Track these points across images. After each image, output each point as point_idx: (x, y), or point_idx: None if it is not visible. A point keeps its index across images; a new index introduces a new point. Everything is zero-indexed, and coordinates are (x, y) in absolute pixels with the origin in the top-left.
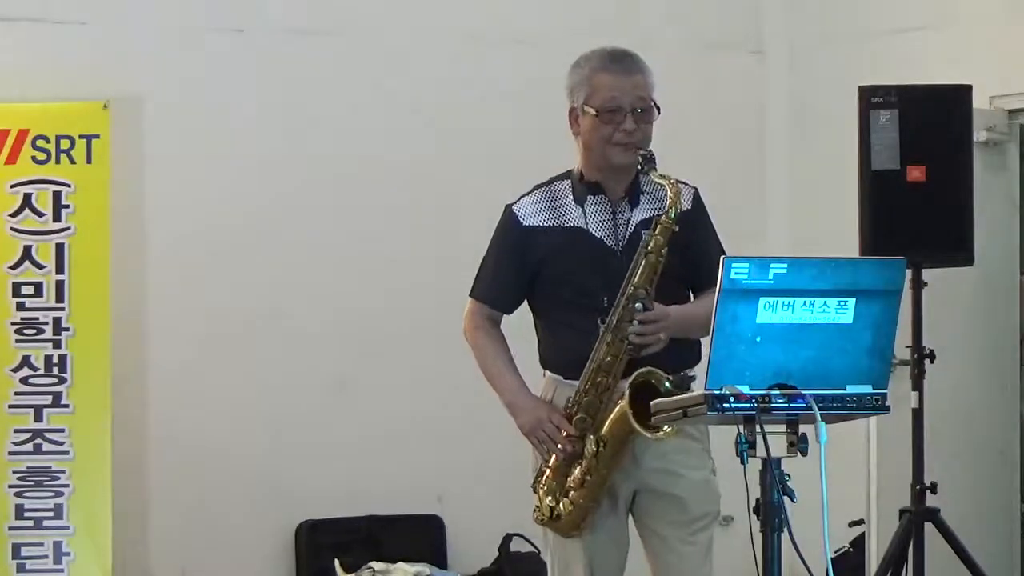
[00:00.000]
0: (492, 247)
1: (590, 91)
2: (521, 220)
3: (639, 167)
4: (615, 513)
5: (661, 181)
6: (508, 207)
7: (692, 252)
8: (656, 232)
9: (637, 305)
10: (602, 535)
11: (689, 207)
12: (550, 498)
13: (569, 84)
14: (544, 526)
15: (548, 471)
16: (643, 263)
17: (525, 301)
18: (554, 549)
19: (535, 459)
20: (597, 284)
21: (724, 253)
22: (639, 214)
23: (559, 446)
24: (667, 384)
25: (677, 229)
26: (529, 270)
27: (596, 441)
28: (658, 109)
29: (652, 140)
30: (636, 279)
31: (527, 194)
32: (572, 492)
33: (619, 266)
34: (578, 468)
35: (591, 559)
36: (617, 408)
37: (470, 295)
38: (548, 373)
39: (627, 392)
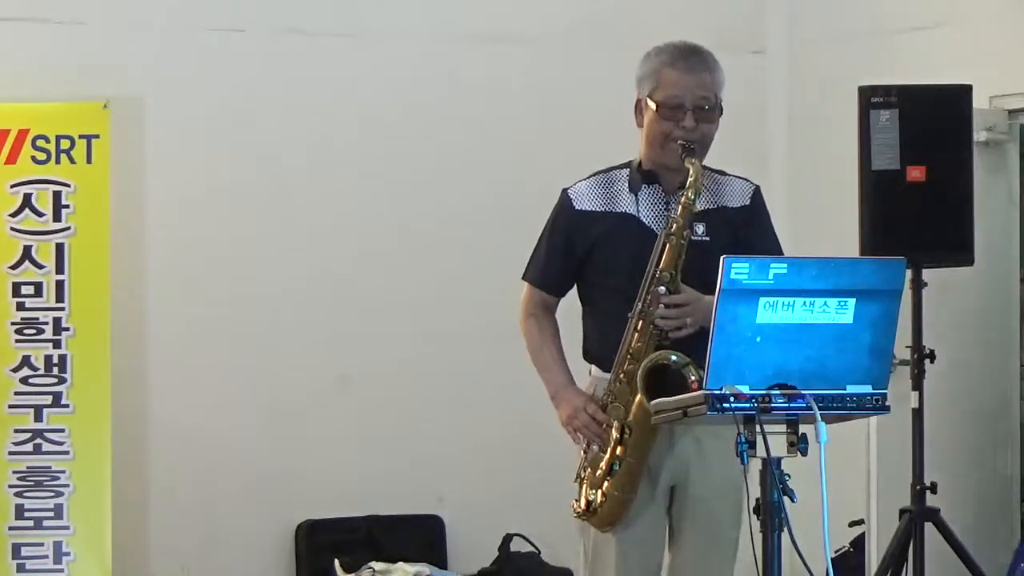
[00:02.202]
0: (545, 229)
1: (655, 85)
2: (574, 203)
3: (680, 155)
4: (652, 508)
5: (689, 165)
6: (564, 190)
7: (744, 247)
8: (677, 214)
9: (661, 289)
10: (637, 530)
11: (747, 203)
12: (589, 491)
13: (637, 75)
14: (581, 520)
15: (588, 463)
16: (666, 246)
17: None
18: (587, 541)
19: (579, 453)
20: (644, 272)
21: (781, 252)
22: (687, 187)
23: (595, 436)
24: (673, 358)
25: (696, 209)
26: (579, 254)
27: (621, 427)
28: (721, 110)
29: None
30: (661, 262)
31: (584, 179)
32: (605, 483)
33: None
34: (606, 462)
35: (622, 554)
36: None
37: (523, 278)
38: (593, 369)
39: (640, 376)
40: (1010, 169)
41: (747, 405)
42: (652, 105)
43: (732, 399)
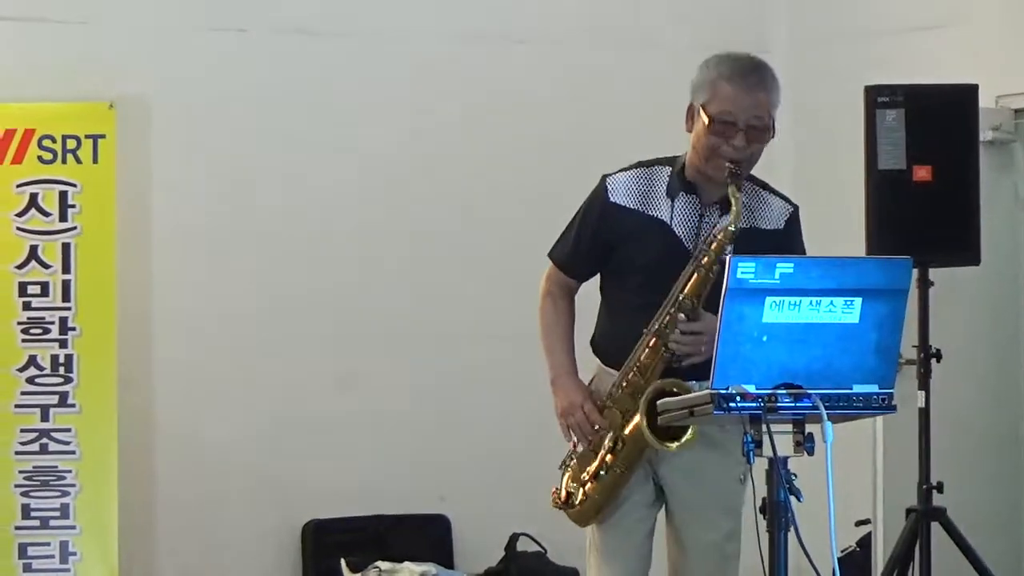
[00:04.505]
0: (578, 212)
1: (710, 96)
2: (609, 195)
3: (725, 179)
4: (641, 503)
5: (732, 198)
6: (604, 177)
7: None
8: (711, 247)
9: (680, 315)
10: (626, 521)
11: (780, 227)
12: (570, 482)
13: (694, 81)
14: (559, 509)
15: (575, 456)
16: (694, 275)
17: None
18: (590, 530)
19: (569, 442)
20: (664, 281)
21: None
22: (726, 219)
23: (585, 436)
24: (675, 389)
25: (731, 249)
26: (604, 244)
27: (614, 439)
28: (774, 130)
29: (759, 158)
30: (686, 289)
31: (625, 169)
32: (587, 484)
33: None
34: (595, 462)
35: (615, 545)
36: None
37: (548, 255)
38: (598, 362)
39: (643, 404)
40: (1016, 168)
41: (753, 405)
42: (704, 117)
43: (738, 398)
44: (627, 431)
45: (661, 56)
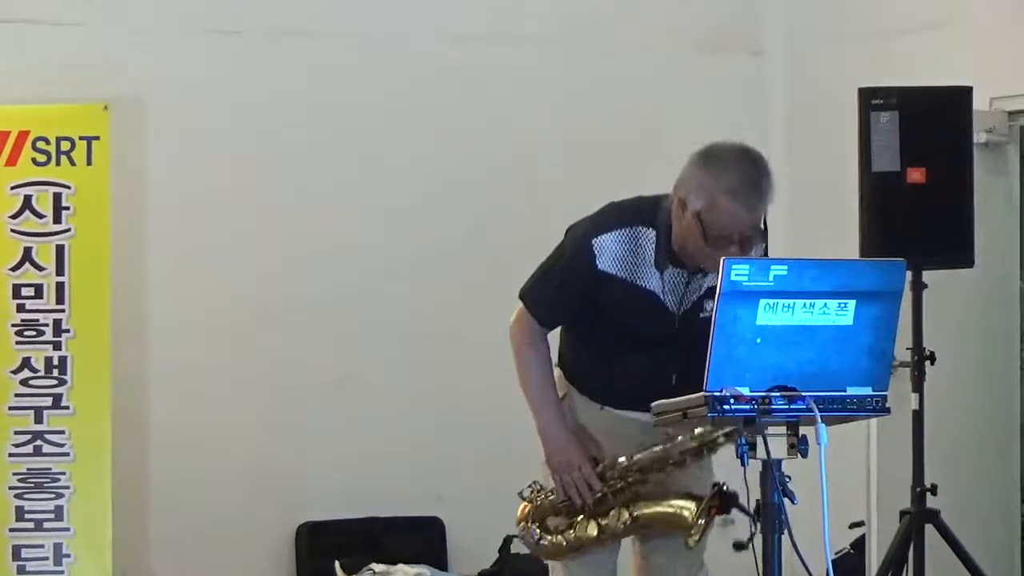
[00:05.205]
0: (558, 270)
1: (706, 204)
2: (597, 262)
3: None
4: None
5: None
6: (588, 239)
7: None
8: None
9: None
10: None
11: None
12: (535, 518)
13: (687, 177)
14: (523, 541)
15: (549, 499)
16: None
17: None
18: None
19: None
20: (647, 334)
21: None
22: (709, 280)
23: (577, 496)
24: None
25: (709, 284)
26: (591, 305)
27: (630, 516)
28: (767, 230)
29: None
30: None
31: (609, 232)
32: (570, 533)
33: (674, 327)
34: (587, 521)
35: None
36: (672, 507)
37: (522, 300)
38: (563, 376)
39: (704, 506)
40: (1010, 171)
41: (747, 407)
42: (699, 226)
43: (732, 401)
44: (644, 514)
45: (658, 57)
